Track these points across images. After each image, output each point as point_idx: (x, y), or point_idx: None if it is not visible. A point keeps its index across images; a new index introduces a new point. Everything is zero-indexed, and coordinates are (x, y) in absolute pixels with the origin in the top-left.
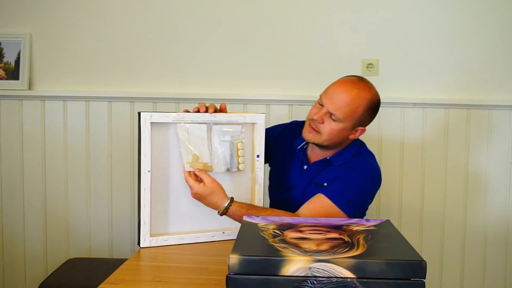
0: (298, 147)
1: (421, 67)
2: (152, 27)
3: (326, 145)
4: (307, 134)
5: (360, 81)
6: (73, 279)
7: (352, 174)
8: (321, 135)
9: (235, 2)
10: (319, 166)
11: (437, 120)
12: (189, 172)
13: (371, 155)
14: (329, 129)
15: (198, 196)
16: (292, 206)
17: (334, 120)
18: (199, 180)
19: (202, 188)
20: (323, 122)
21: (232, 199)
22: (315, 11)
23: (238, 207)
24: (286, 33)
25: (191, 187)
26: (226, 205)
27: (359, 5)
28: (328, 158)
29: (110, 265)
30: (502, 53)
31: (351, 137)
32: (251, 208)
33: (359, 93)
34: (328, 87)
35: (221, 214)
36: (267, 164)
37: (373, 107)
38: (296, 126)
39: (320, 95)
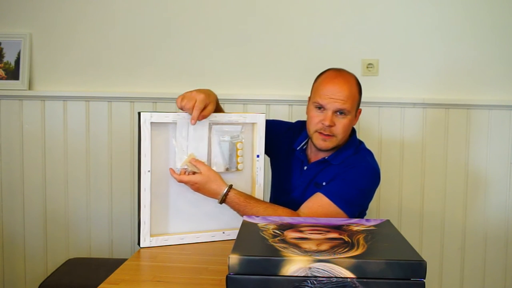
0: (298, 148)
1: (421, 67)
2: (152, 27)
3: (341, 144)
4: (322, 143)
5: (341, 71)
6: (73, 279)
7: (350, 173)
8: (337, 137)
9: (235, 2)
10: (318, 166)
11: (437, 120)
12: (180, 172)
13: (369, 154)
14: (342, 127)
15: (197, 186)
16: (293, 207)
17: (343, 116)
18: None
19: (200, 177)
20: (334, 124)
21: (231, 186)
22: (315, 11)
23: (236, 194)
24: (286, 33)
25: (188, 182)
26: (225, 191)
27: (359, 5)
28: (326, 158)
29: (110, 265)
30: (502, 53)
31: (354, 122)
32: (249, 197)
33: (350, 81)
34: (319, 89)
35: (221, 202)
36: (268, 164)
37: (360, 86)
38: (299, 127)
39: (315, 101)
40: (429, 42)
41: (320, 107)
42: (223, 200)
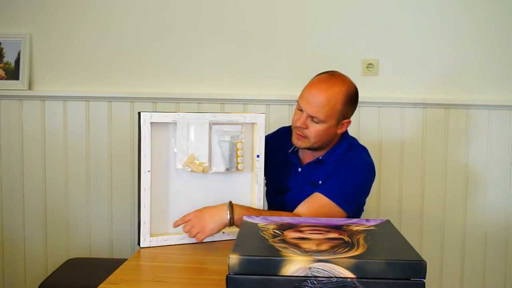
0: (289, 151)
1: (421, 67)
2: (152, 27)
3: (317, 147)
4: (297, 142)
5: (331, 77)
6: (73, 279)
7: (346, 170)
8: (309, 139)
9: (235, 2)
10: (313, 166)
11: (437, 120)
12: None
13: (363, 149)
14: (314, 132)
15: (195, 221)
16: (289, 208)
17: (317, 122)
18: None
19: (194, 212)
20: (307, 127)
21: (230, 202)
22: (315, 11)
23: (239, 207)
24: (286, 33)
25: (182, 220)
26: (228, 211)
27: (359, 5)
28: (320, 157)
29: (110, 265)
30: (502, 53)
31: (339, 131)
32: (250, 209)
33: (334, 90)
34: (303, 90)
35: (230, 222)
36: None
37: (351, 99)
38: (285, 132)
39: (298, 100)
40: (429, 42)
41: (301, 109)
42: (231, 217)
